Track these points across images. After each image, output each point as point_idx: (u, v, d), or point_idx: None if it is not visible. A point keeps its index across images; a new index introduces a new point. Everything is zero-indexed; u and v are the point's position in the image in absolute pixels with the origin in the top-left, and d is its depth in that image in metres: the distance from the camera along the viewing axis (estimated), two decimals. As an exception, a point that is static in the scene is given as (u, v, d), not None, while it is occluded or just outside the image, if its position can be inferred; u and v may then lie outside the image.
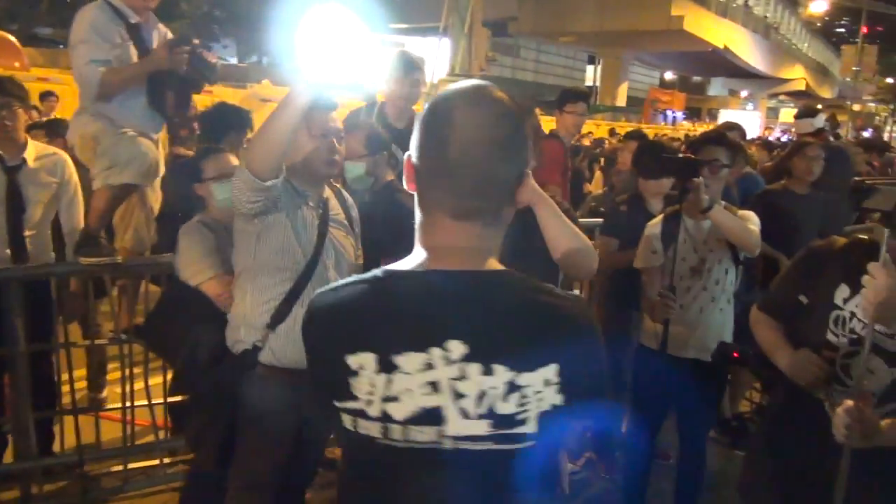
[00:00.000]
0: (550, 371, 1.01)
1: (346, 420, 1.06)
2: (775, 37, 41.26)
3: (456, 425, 1.01)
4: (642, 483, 3.06)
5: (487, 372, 1.00)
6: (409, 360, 1.01)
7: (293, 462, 2.25)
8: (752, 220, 2.78)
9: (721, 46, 31.63)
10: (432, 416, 1.01)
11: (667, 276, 2.76)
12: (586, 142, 13.11)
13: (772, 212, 3.80)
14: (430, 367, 1.01)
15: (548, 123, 4.39)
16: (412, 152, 1.09)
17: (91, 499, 3.18)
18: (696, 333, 2.84)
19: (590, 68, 40.07)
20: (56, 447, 3.31)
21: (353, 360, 1.03)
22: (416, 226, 1.09)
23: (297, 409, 2.18)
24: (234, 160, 2.79)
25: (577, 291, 4.30)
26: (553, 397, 1.02)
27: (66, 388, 3.29)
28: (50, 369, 3.28)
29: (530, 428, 1.02)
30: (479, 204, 1.04)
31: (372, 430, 1.03)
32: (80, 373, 3.69)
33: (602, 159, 8.89)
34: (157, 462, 3.37)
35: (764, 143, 9.80)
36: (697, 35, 28.87)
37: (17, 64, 10.58)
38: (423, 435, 1.02)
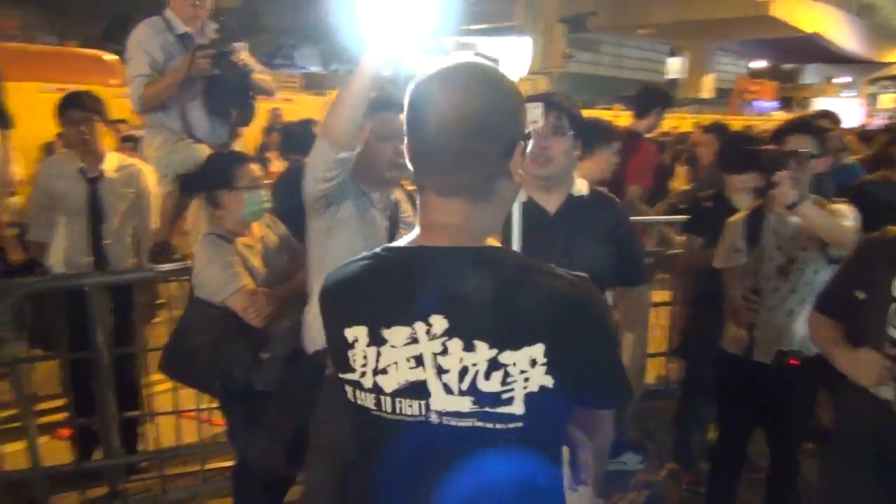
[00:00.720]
0: (537, 350, 0.98)
1: (348, 391, 1.10)
2: (873, 17, 38.77)
3: (440, 400, 1.02)
4: (729, 498, 2.86)
5: (468, 348, 1.00)
6: (395, 334, 1.03)
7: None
8: (847, 216, 2.55)
9: (812, 32, 29.97)
10: (418, 390, 1.03)
11: (751, 277, 2.57)
12: (670, 137, 12.70)
13: (871, 204, 3.51)
14: (414, 341, 1.02)
15: (626, 119, 4.26)
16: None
17: (172, 498, 3.26)
18: (784, 338, 2.63)
19: (671, 60, 38.81)
20: (141, 447, 3.42)
21: (349, 333, 1.07)
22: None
23: None
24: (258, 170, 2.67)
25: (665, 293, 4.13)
26: (541, 378, 0.99)
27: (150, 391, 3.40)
28: (133, 372, 3.39)
29: (517, 409, 1.00)
30: (462, 179, 1.04)
31: (367, 401, 1.07)
32: (158, 376, 3.80)
33: (685, 154, 8.59)
34: (232, 463, 3.42)
35: (861, 134, 9.16)
36: (786, 21, 27.39)
37: (111, 81, 11.16)
38: (411, 408, 1.04)
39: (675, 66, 38.19)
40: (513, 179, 1.08)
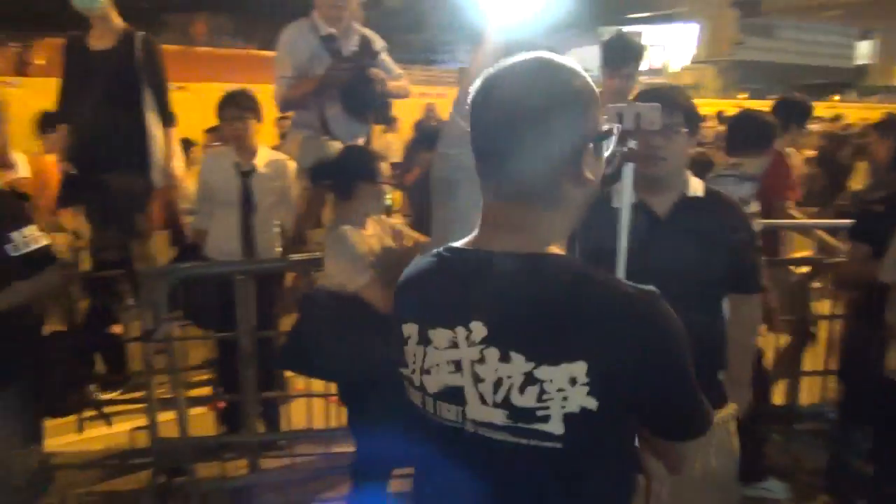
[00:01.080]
0: (578, 369, 0.92)
1: (405, 384, 1.11)
2: None
3: (475, 409, 0.99)
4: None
5: (504, 359, 0.96)
6: (439, 336, 1.02)
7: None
8: None
9: None
10: (455, 395, 1.01)
11: (920, 295, 2.25)
12: (853, 129, 11.49)
13: None
14: (454, 345, 1.00)
15: (820, 110, 3.84)
16: None
17: (300, 478, 3.44)
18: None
19: (862, 45, 35.10)
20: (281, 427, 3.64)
21: (405, 329, 1.08)
22: None
23: None
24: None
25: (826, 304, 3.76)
26: (582, 399, 0.92)
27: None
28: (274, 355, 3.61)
29: (555, 428, 0.94)
30: (521, 182, 1.00)
31: (416, 398, 1.08)
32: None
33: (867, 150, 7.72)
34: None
35: None
36: None
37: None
38: (449, 413, 1.02)
39: (864, 51, 34.52)
40: (583, 184, 1.01)
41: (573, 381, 0.92)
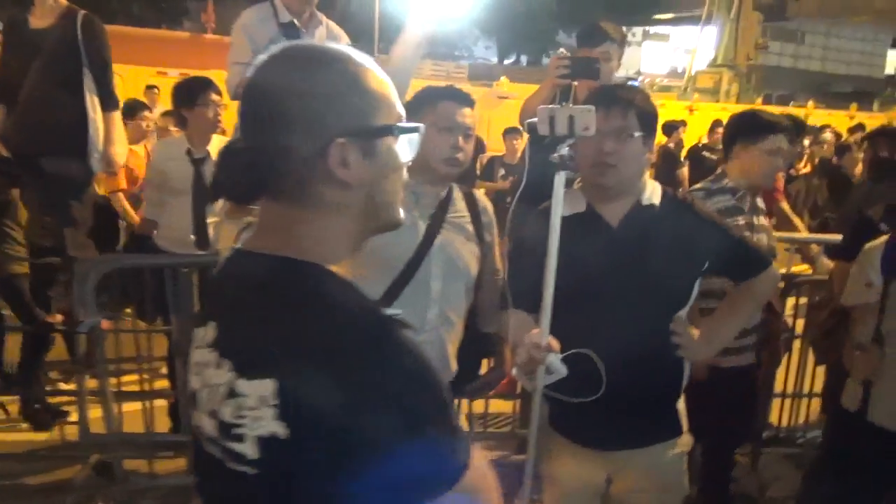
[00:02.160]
0: (266, 387, 0.82)
1: None
2: None
3: (199, 416, 0.92)
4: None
5: (218, 364, 0.89)
6: (196, 335, 0.95)
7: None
8: None
9: None
10: (193, 399, 0.94)
11: (875, 318, 2.06)
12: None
13: None
14: (197, 346, 0.94)
15: (839, 119, 3.62)
16: None
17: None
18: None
19: (893, 53, 34.30)
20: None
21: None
22: None
23: None
24: None
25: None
26: (271, 424, 0.82)
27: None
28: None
29: (249, 451, 0.84)
30: (264, 179, 0.91)
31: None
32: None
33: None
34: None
35: None
36: None
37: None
38: (196, 417, 0.94)
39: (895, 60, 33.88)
40: (339, 185, 0.91)
41: (263, 401, 0.82)
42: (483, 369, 2.36)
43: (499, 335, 2.18)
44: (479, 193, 2.27)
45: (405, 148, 0.97)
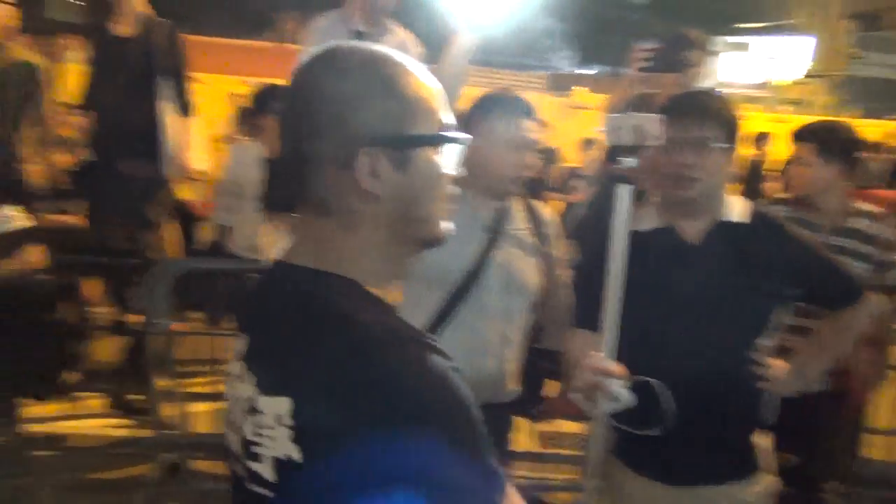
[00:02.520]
0: (283, 406, 0.78)
1: None
2: None
3: (227, 429, 0.89)
4: None
5: (245, 378, 0.86)
6: (237, 344, 0.91)
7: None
8: None
9: None
10: (228, 411, 0.91)
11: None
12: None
13: None
14: (234, 357, 0.90)
15: None
16: None
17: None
18: None
19: None
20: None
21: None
22: None
23: None
24: None
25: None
26: (286, 445, 0.77)
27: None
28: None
29: (267, 473, 0.80)
30: (292, 187, 0.87)
31: None
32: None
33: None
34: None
35: None
36: None
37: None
38: (226, 432, 0.91)
39: None
40: (365, 198, 0.84)
41: (279, 420, 0.78)
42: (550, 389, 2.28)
43: (564, 354, 2.11)
44: (541, 204, 2.21)
45: (448, 160, 0.90)
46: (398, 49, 2.84)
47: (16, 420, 2.54)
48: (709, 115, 1.71)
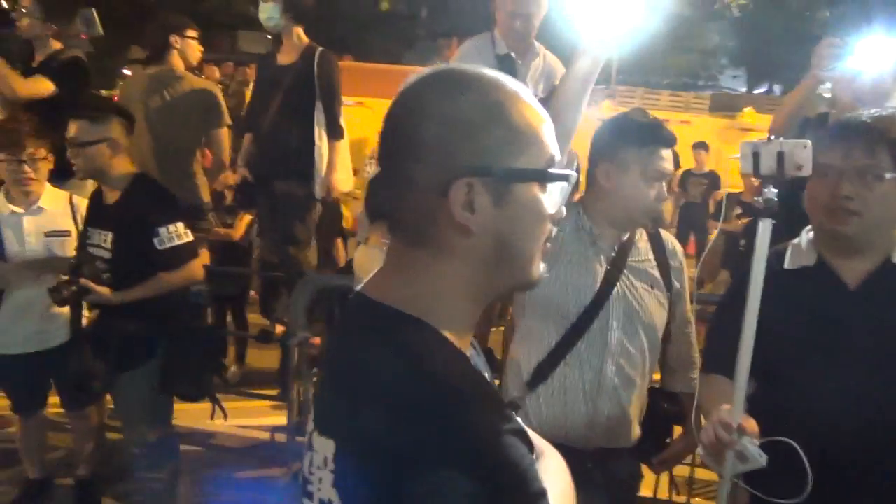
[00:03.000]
0: (329, 448, 0.76)
1: None
2: None
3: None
4: None
5: (313, 412, 0.85)
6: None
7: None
8: None
9: None
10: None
11: None
12: None
13: None
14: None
15: None
16: None
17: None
18: None
19: None
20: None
21: None
22: None
23: None
24: None
25: None
26: (328, 489, 0.75)
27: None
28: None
29: None
30: (387, 212, 0.83)
31: None
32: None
33: None
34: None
35: None
36: None
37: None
38: None
39: None
40: (467, 232, 0.78)
41: (325, 463, 0.77)
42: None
43: (690, 396, 1.95)
44: (667, 234, 2.06)
45: (552, 197, 0.82)
46: (546, 72, 2.78)
47: (168, 418, 2.76)
48: (880, 141, 1.50)
